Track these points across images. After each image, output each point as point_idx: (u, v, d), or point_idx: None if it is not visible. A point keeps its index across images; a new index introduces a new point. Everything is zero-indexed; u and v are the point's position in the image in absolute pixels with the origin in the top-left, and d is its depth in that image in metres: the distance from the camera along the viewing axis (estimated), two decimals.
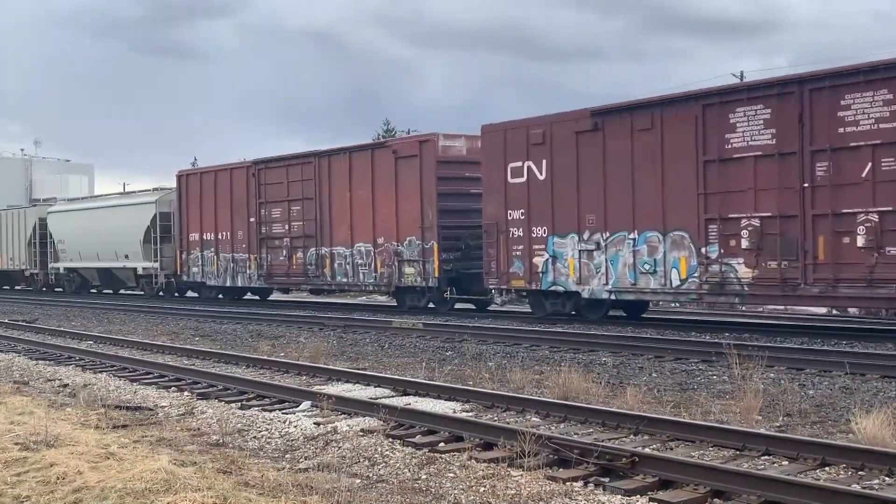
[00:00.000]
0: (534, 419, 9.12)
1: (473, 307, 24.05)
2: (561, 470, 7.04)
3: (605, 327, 18.26)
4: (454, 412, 9.47)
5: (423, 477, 7.02)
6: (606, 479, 6.78)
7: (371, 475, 7.19)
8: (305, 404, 10.11)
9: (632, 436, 8.19)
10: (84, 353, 15.77)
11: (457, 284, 22.57)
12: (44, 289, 40.87)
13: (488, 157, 20.83)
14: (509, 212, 20.28)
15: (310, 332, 19.24)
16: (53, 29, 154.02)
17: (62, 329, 21.06)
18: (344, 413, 9.50)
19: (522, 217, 20.03)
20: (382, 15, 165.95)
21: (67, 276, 38.67)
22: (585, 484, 6.73)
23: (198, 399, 11.01)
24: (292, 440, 8.56)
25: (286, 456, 8.01)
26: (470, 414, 9.45)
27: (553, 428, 8.60)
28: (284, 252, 27.01)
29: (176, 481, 6.56)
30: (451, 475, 6.99)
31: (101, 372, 13.64)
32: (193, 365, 14.06)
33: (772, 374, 11.59)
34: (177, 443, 8.38)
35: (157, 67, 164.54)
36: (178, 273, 31.59)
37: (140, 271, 33.68)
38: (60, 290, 40.13)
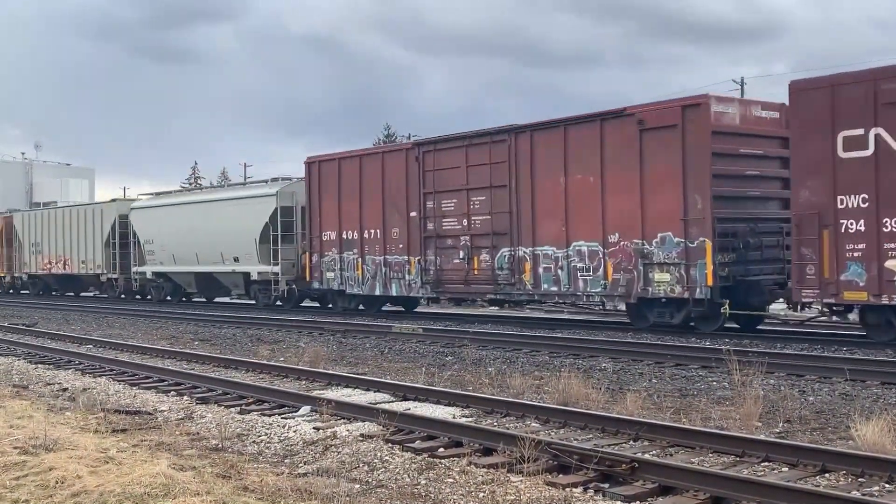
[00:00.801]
0: (533, 425, 9.11)
1: (738, 326, 18.12)
2: (560, 476, 7.03)
3: (606, 333, 18.24)
4: (454, 417, 9.46)
5: (423, 482, 7.01)
6: (606, 485, 6.78)
7: (370, 480, 7.18)
8: (305, 409, 10.10)
9: (631, 442, 8.18)
10: (83, 357, 15.77)
11: (731, 295, 17.22)
12: (122, 295, 36.36)
13: (803, 125, 15.46)
14: (840, 198, 14.94)
15: (309, 337, 19.24)
16: (53, 33, 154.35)
17: (62, 333, 21.05)
18: (343, 418, 9.49)
19: (865, 205, 14.70)
20: (382, 20, 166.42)
21: (155, 283, 33.91)
22: (585, 490, 6.71)
23: (197, 403, 11.00)
24: (292, 445, 8.55)
25: (285, 461, 8.00)
26: (469, 419, 9.44)
27: (553, 433, 8.59)
28: (462, 254, 21.70)
29: (175, 486, 6.55)
30: (451, 480, 6.99)
31: (100, 376, 13.64)
32: (193, 369, 14.05)
33: (772, 381, 11.59)
34: (176, 447, 8.37)
35: (157, 71, 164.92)
36: (306, 278, 26.33)
37: (255, 276, 28.60)
38: (140, 297, 35.95)
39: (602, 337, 17.29)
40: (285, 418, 9.74)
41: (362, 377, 12.42)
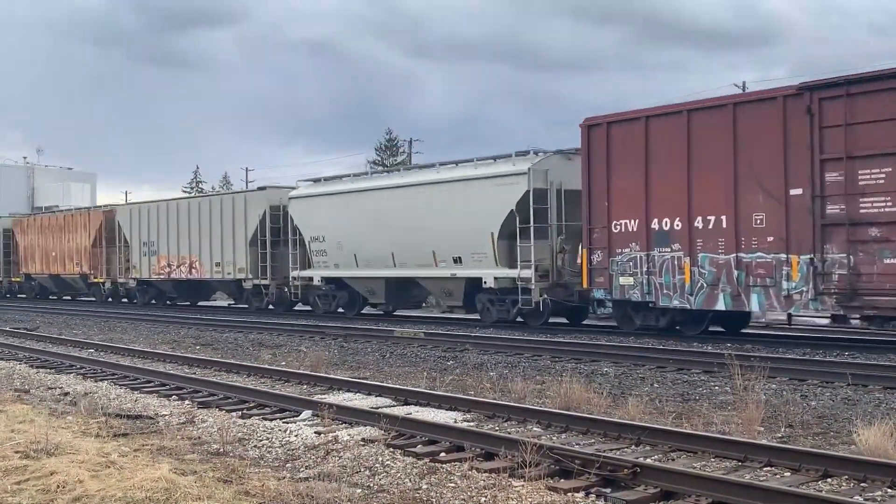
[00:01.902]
0: (535, 429, 9.10)
1: None
2: (562, 480, 7.02)
3: (607, 337, 18.24)
4: (455, 422, 9.45)
5: (424, 487, 7.01)
6: (608, 490, 6.76)
7: (372, 485, 7.17)
8: (306, 413, 10.09)
9: (633, 446, 8.17)
10: (85, 362, 15.76)
11: None
12: (270, 306, 29.43)
13: None
14: None
15: (311, 341, 19.23)
16: (55, 38, 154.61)
17: (63, 337, 21.05)
18: (345, 422, 9.48)
19: None
20: (381, 27, 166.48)
21: (323, 291, 26.78)
22: (587, 495, 6.70)
23: (198, 408, 11.00)
24: (293, 449, 8.54)
25: (287, 465, 7.99)
26: (471, 424, 9.43)
27: (554, 438, 8.58)
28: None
29: (176, 490, 6.55)
30: (452, 485, 6.98)
31: (102, 380, 13.64)
32: (194, 374, 14.05)
33: (774, 385, 11.58)
34: (177, 451, 8.37)
35: (158, 77, 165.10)
36: (586, 286, 19.00)
37: (489, 283, 21.40)
38: (302, 308, 29.29)
39: (603, 341, 17.29)
40: (287, 423, 9.74)
41: (363, 381, 12.41)
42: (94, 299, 39.01)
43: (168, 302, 34.82)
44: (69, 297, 42.53)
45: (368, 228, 24.45)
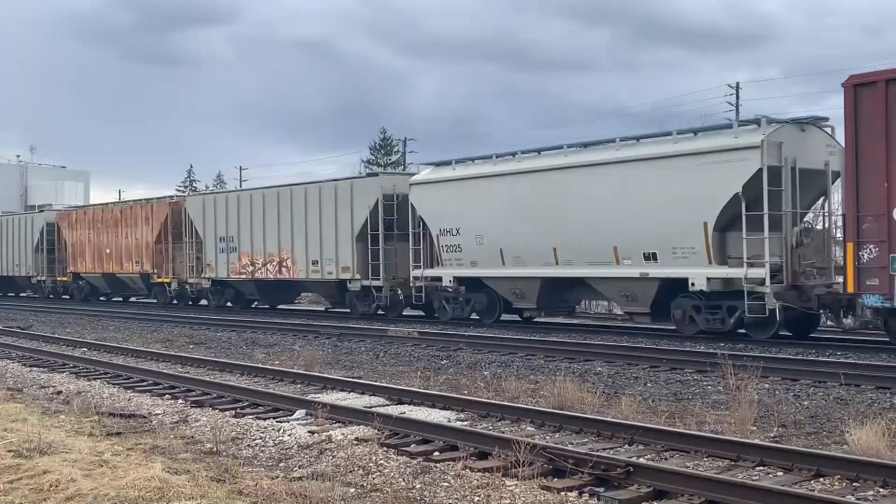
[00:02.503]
0: (529, 428, 9.11)
1: None
2: (555, 480, 7.02)
3: (600, 337, 18.26)
4: (449, 421, 9.45)
5: (418, 486, 7.01)
6: (601, 490, 6.77)
7: (365, 484, 7.17)
8: (300, 413, 10.09)
9: (626, 446, 8.18)
10: (78, 361, 15.74)
11: None
12: (380, 311, 24.82)
13: None
14: None
15: (305, 341, 19.22)
16: (49, 36, 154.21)
17: (56, 336, 21.01)
18: (338, 422, 9.48)
19: None
20: (375, 26, 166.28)
21: (452, 294, 22.38)
22: (580, 494, 6.71)
23: (192, 407, 10.99)
24: (286, 449, 8.54)
25: (280, 464, 7.99)
26: (465, 423, 9.43)
27: (548, 437, 8.59)
28: None
29: (169, 489, 6.54)
30: (446, 484, 6.98)
31: (95, 379, 13.61)
32: (188, 373, 14.03)
33: (766, 385, 11.60)
34: (170, 451, 8.36)
35: (151, 75, 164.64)
36: (852, 289, 14.83)
37: (699, 285, 17.22)
38: (421, 312, 24.74)
39: (597, 341, 17.31)
40: (280, 422, 9.73)
41: (357, 381, 12.41)
42: (154, 301, 34.10)
43: (252, 305, 30.79)
44: (120, 299, 38.60)
45: (521, 219, 20.20)
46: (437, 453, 8.00)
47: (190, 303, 32.62)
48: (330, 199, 25.47)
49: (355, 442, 8.50)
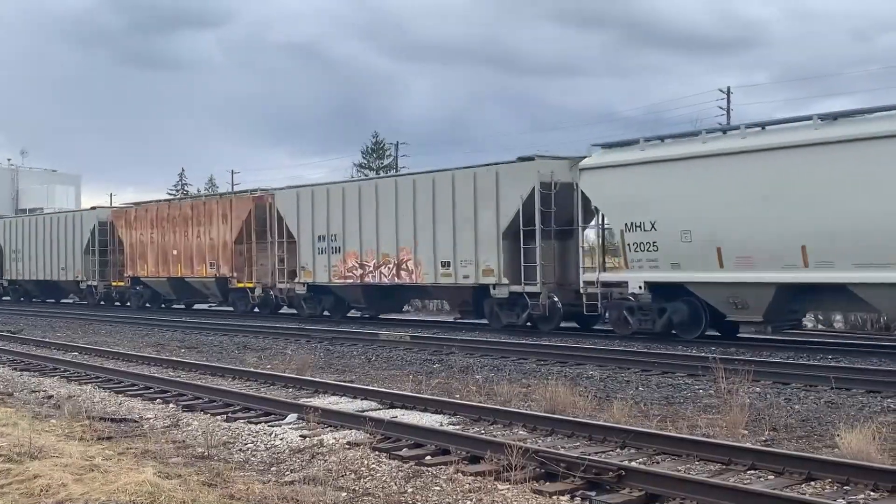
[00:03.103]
0: (521, 432, 9.11)
1: None
2: (547, 483, 7.03)
3: (592, 340, 18.27)
4: (441, 425, 9.45)
5: (410, 490, 7.00)
6: (593, 493, 6.78)
7: (357, 488, 7.16)
8: (292, 417, 10.07)
9: (618, 449, 8.19)
10: (69, 365, 15.68)
11: None
12: (528, 323, 20.77)
13: None
14: None
15: (297, 345, 19.19)
16: (39, 39, 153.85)
17: (47, 340, 20.94)
18: (330, 426, 9.47)
19: None
20: (365, 30, 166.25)
21: (640, 304, 18.21)
22: (572, 498, 6.72)
23: (183, 411, 10.96)
24: (278, 453, 8.53)
25: (272, 469, 7.98)
26: (457, 427, 9.43)
27: (540, 441, 8.60)
28: None
29: (160, 494, 6.52)
30: (438, 489, 6.98)
31: (85, 383, 13.57)
32: (179, 377, 14.00)
33: (758, 389, 11.63)
34: (162, 455, 8.34)
35: (142, 79, 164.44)
36: None
37: None
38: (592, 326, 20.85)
39: (589, 345, 17.32)
40: (272, 426, 9.72)
41: (349, 385, 12.40)
42: (230, 309, 30.28)
43: (366, 315, 26.02)
44: (183, 307, 34.27)
45: (754, 209, 16.21)
46: (428, 457, 8.00)
47: (277, 311, 28.59)
48: (467, 189, 21.49)
49: (347, 446, 8.49)
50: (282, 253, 26.95)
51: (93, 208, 38.25)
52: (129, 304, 34.34)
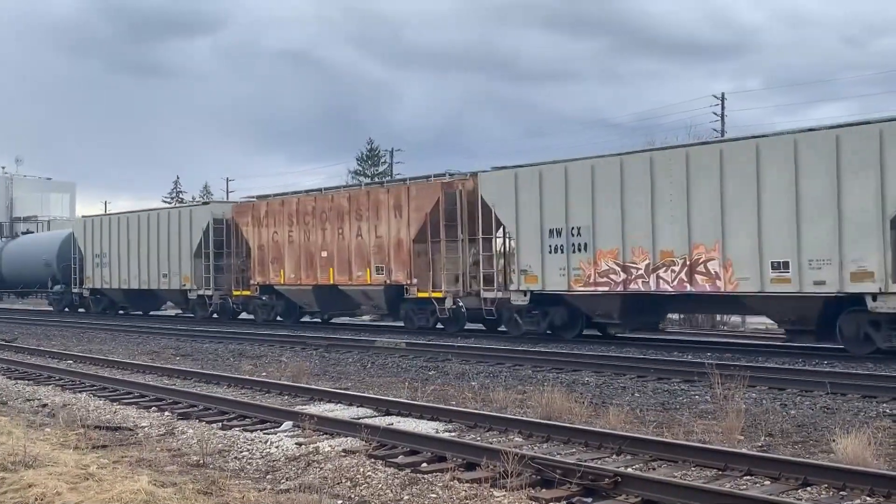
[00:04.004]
0: (517, 439, 9.10)
1: None
2: (544, 490, 7.02)
3: (588, 347, 18.27)
4: (437, 432, 9.44)
5: (406, 498, 6.99)
6: (589, 500, 6.78)
7: (353, 496, 7.15)
8: (287, 424, 10.05)
9: (615, 456, 8.18)
10: (64, 373, 15.64)
11: None
12: None
13: None
14: None
15: (292, 352, 19.17)
16: (32, 47, 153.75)
17: (42, 348, 20.88)
18: (326, 433, 9.45)
19: None
20: (358, 37, 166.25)
21: None
22: None
23: (178, 419, 10.93)
24: (274, 461, 8.51)
25: (267, 477, 7.96)
26: (453, 434, 9.42)
27: (536, 448, 8.59)
28: None
29: (155, 502, 6.51)
30: (434, 496, 6.97)
31: (80, 392, 13.53)
32: (174, 385, 13.97)
33: (753, 394, 11.64)
34: (157, 463, 8.32)
35: (136, 86, 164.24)
36: None
37: None
38: None
39: (585, 351, 17.32)
40: (267, 434, 9.69)
41: (345, 392, 12.38)
42: (401, 325, 24.51)
43: (604, 333, 20.83)
44: (317, 321, 28.49)
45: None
46: (424, 465, 7.99)
47: (478, 326, 23.51)
48: (820, 156, 15.62)
49: (343, 454, 8.47)
50: (488, 252, 21.84)
51: (206, 202, 33.21)
52: (253, 316, 28.96)
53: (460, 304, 22.65)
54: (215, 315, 30.28)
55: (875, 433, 8.39)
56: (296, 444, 9.04)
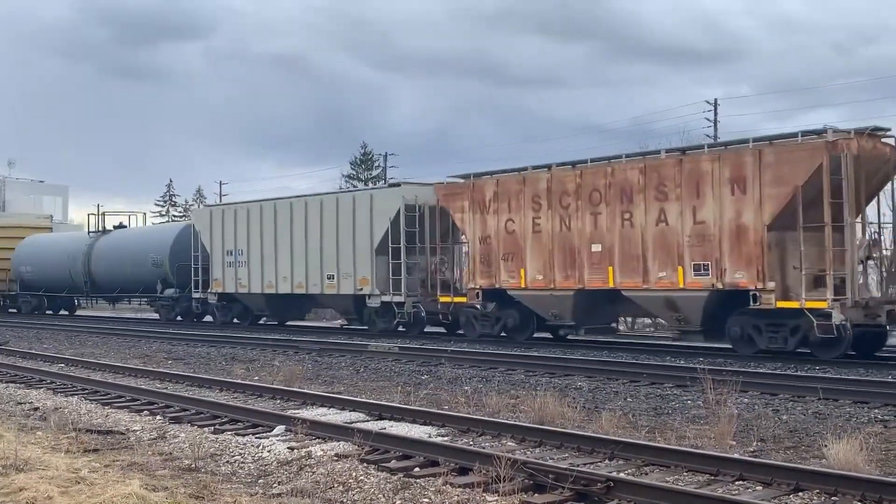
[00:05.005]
0: (509, 444, 9.10)
1: None
2: (536, 495, 7.02)
3: (581, 352, 18.28)
4: (429, 437, 9.43)
5: (398, 502, 6.99)
6: None
7: (345, 500, 7.14)
8: (279, 429, 10.04)
9: (607, 461, 8.19)
10: (55, 376, 15.59)
11: None
12: None
13: None
14: None
15: (285, 356, 19.14)
16: (24, 51, 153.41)
17: (33, 352, 20.82)
18: (318, 438, 9.44)
19: None
20: (350, 41, 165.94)
21: None
22: None
23: (170, 423, 10.90)
24: (266, 465, 8.49)
25: (259, 481, 7.94)
26: (445, 438, 9.42)
27: (528, 452, 8.59)
28: None
29: None
30: (426, 500, 6.96)
31: (72, 395, 13.49)
32: (166, 388, 13.93)
33: (746, 399, 11.65)
34: (148, 467, 8.29)
35: (128, 90, 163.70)
36: None
37: None
38: None
39: (577, 355, 17.33)
40: (259, 438, 9.68)
41: (337, 396, 12.37)
42: (732, 351, 17.39)
43: None
44: (575, 339, 21.67)
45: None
46: (417, 469, 7.98)
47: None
48: None
49: (335, 458, 8.46)
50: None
51: (396, 184, 25.91)
52: (461, 331, 22.34)
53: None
54: (400, 328, 23.95)
55: (867, 439, 8.41)
56: (288, 448, 9.02)
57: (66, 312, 39.89)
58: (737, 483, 7.27)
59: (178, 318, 31.86)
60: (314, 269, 25.26)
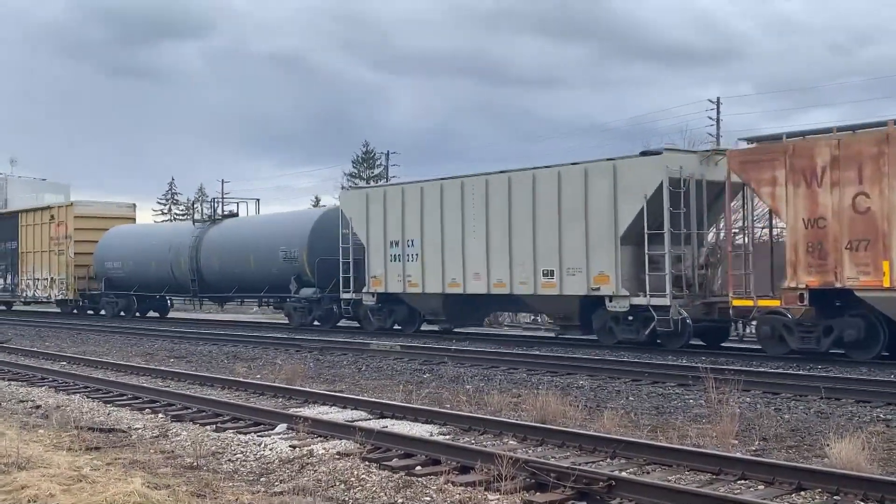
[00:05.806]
0: (511, 442, 9.10)
1: None
2: (538, 494, 7.01)
3: (583, 350, 18.28)
4: (431, 435, 9.43)
5: (400, 501, 6.98)
6: (583, 503, 6.77)
7: (347, 499, 7.14)
8: (281, 427, 10.04)
9: (609, 459, 8.19)
10: (57, 374, 15.60)
11: None
12: None
13: None
14: None
15: (287, 354, 19.14)
16: (26, 50, 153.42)
17: (35, 350, 20.83)
18: (320, 436, 9.44)
19: None
20: (350, 41, 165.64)
21: None
22: None
23: (172, 421, 10.91)
24: (268, 463, 8.49)
25: (261, 479, 7.94)
26: (447, 437, 9.42)
27: (530, 451, 8.58)
28: None
29: None
30: (428, 499, 6.96)
31: (74, 393, 13.50)
32: (168, 386, 13.94)
33: (748, 399, 11.64)
34: (150, 465, 8.29)
35: (128, 89, 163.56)
36: None
37: None
38: None
39: (579, 354, 17.33)
40: (261, 436, 9.68)
41: (339, 394, 12.37)
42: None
43: None
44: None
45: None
46: (419, 467, 7.98)
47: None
48: None
49: (337, 456, 8.46)
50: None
51: (655, 152, 18.74)
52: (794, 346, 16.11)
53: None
54: (656, 349, 18.18)
55: (869, 438, 8.40)
56: (290, 446, 9.02)
57: (157, 315, 34.20)
58: (739, 482, 7.27)
59: (315, 322, 26.14)
60: (522, 263, 20.15)
